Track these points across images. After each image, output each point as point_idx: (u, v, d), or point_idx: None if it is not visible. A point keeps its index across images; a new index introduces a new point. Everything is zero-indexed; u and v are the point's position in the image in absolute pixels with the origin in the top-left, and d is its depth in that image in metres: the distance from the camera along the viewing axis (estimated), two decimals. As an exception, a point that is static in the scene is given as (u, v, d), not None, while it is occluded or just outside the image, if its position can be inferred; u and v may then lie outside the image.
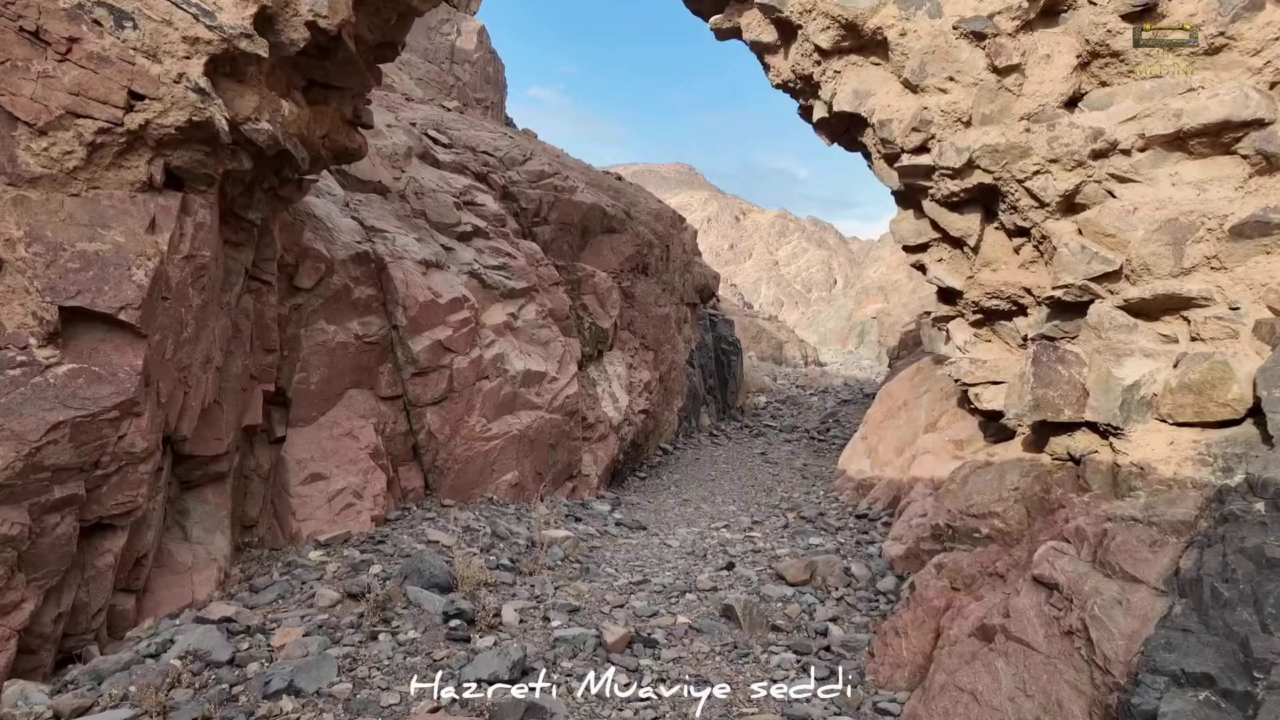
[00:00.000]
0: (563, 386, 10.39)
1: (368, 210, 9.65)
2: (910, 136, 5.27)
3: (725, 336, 21.58)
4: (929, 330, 7.02)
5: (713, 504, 10.64)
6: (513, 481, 9.33)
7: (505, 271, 10.62)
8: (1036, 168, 4.90)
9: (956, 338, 6.23)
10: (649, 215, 15.45)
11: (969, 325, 6.12)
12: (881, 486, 9.28)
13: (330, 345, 8.08)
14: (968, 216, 5.52)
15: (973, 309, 5.92)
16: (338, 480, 7.71)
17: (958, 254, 5.87)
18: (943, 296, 6.25)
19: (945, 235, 5.77)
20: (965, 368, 6.07)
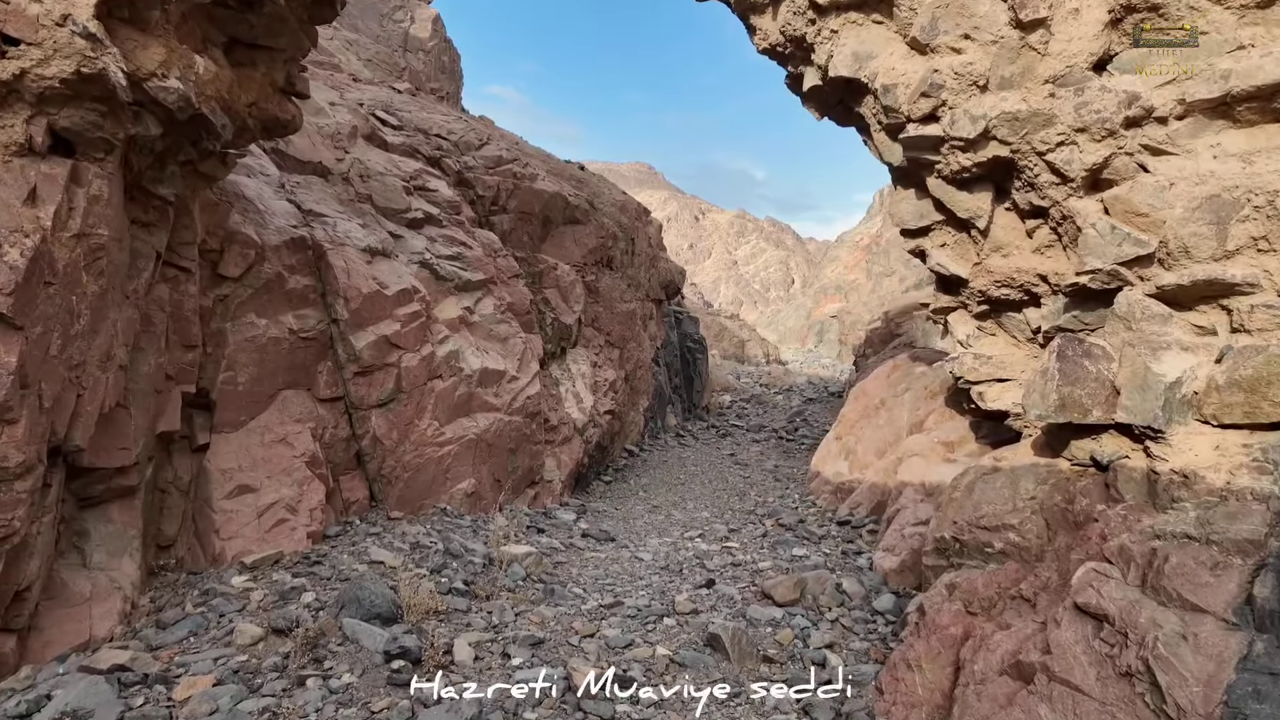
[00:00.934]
0: (523, 386, 9.64)
1: (306, 193, 8.77)
2: (917, 103, 4.68)
3: (690, 334, 21.01)
4: (922, 324, 6.48)
5: (684, 510, 10.00)
6: (469, 490, 8.56)
7: (460, 262, 9.83)
8: (1061, 138, 4.35)
9: (958, 331, 5.69)
10: (613, 207, 14.76)
11: (972, 318, 5.57)
12: (863, 491, 8.75)
13: (261, 341, 7.21)
14: (978, 195, 4.96)
15: (978, 299, 5.37)
16: (269, 493, 6.85)
17: (963, 238, 5.32)
18: (943, 285, 5.70)
19: (951, 217, 5.21)
20: (968, 364, 5.53)
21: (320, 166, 9.38)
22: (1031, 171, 4.56)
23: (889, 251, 54.73)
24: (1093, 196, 4.45)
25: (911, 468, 7.41)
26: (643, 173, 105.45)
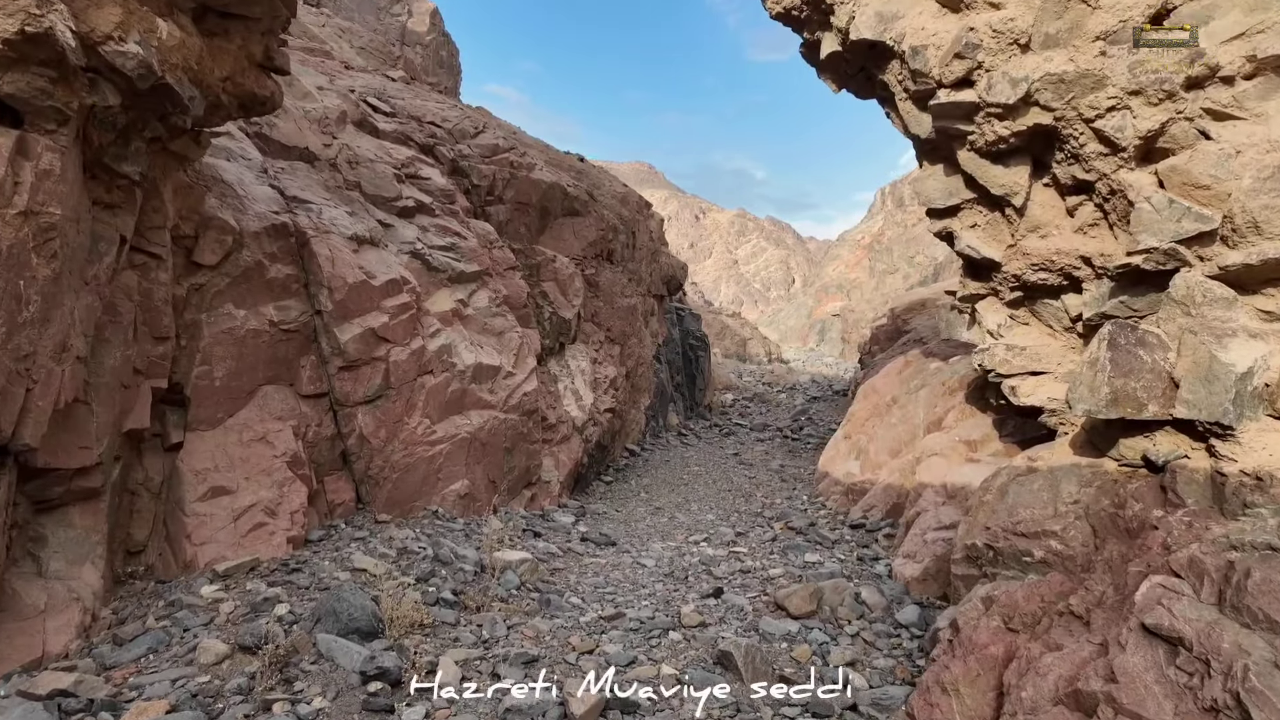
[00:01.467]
0: (520, 382, 9.20)
1: (290, 179, 8.33)
2: (950, 66, 4.24)
3: (693, 331, 20.56)
4: (946, 314, 6.04)
5: (688, 512, 9.56)
6: (461, 492, 8.12)
7: (454, 253, 9.39)
8: (1112, 102, 3.91)
9: (987, 320, 5.25)
10: (614, 199, 14.32)
11: (1003, 306, 5.14)
12: (877, 492, 8.30)
13: (239, 333, 6.77)
14: (1014, 169, 4.52)
15: (1011, 285, 4.93)
16: (246, 495, 6.42)
17: (996, 218, 4.87)
18: (972, 271, 5.25)
19: (983, 195, 4.77)
20: (999, 356, 5.08)
21: (306, 152, 8.94)
22: (1076, 141, 4.12)
23: (892, 249, 54.32)
24: (1145, 168, 4.01)
25: (931, 468, 6.97)
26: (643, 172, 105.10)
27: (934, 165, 5.06)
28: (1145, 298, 4.21)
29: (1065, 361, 4.97)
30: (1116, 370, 3.89)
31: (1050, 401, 5.03)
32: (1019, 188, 4.52)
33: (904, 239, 54.79)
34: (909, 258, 49.80)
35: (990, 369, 5.20)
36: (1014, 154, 4.47)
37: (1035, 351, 5.01)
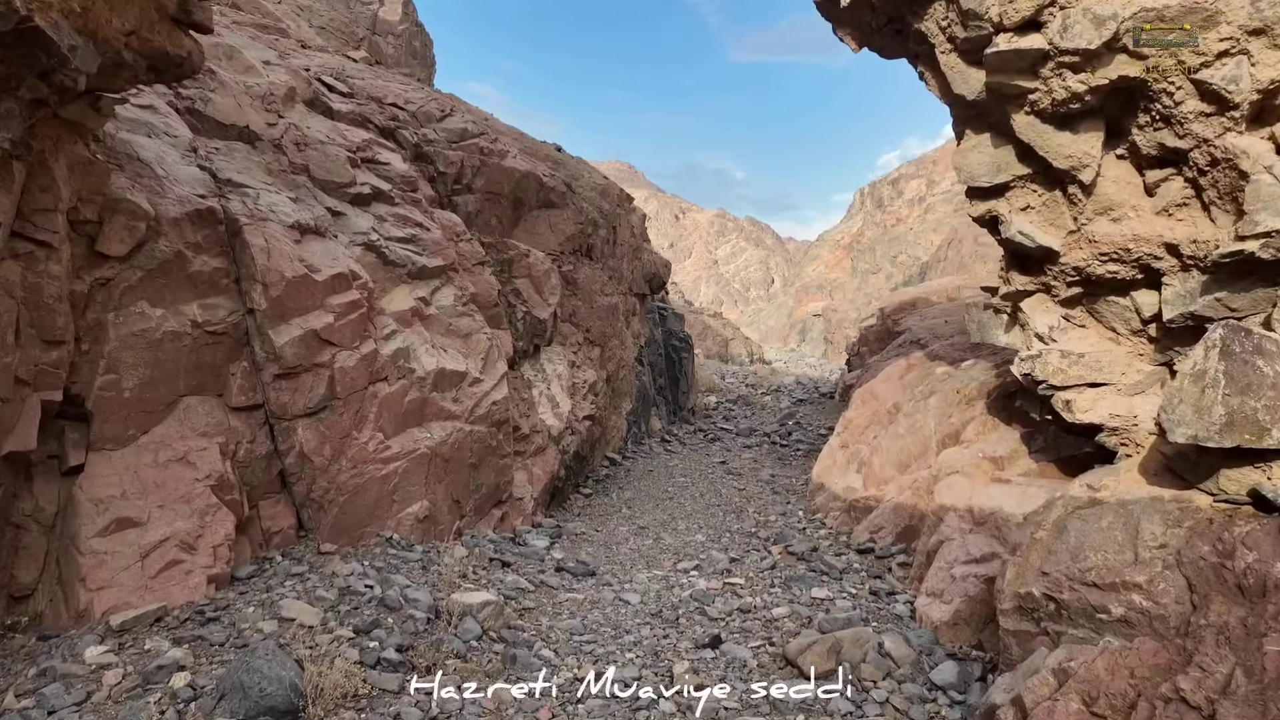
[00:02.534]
0: (488, 389, 8.26)
1: (226, 160, 7.33)
2: (1015, 3, 3.39)
3: (676, 331, 19.71)
4: (978, 314, 5.23)
5: (675, 532, 8.68)
6: (420, 515, 7.17)
7: (414, 245, 8.43)
8: (1225, 45, 3.10)
9: (1035, 321, 4.43)
10: (593, 190, 13.41)
11: (1057, 305, 4.32)
12: (885, 512, 7.48)
13: (154, 336, 5.79)
14: (1084, 137, 3.69)
15: (1069, 279, 4.12)
16: (158, 527, 5.43)
17: (1055, 198, 4.05)
18: (1018, 262, 4.43)
19: (1041, 169, 3.95)
20: (1053, 364, 4.26)
21: (246, 131, 7.93)
22: (1170, 98, 3.30)
23: (874, 249, 53.92)
24: (1259, 131, 3.20)
25: (952, 488, 6.15)
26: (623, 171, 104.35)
27: (979, 134, 4.24)
28: (1250, 294, 3.40)
29: (1130, 371, 4.16)
30: (1233, 386, 3.07)
31: (1112, 418, 4.22)
32: (1089, 159, 3.71)
33: (886, 239, 54.37)
34: (892, 257, 49.36)
35: (1041, 379, 4.38)
36: (1086, 117, 3.66)
37: (1095, 359, 4.20)
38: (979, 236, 25.35)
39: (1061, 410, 4.37)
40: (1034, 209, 4.14)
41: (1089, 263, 3.93)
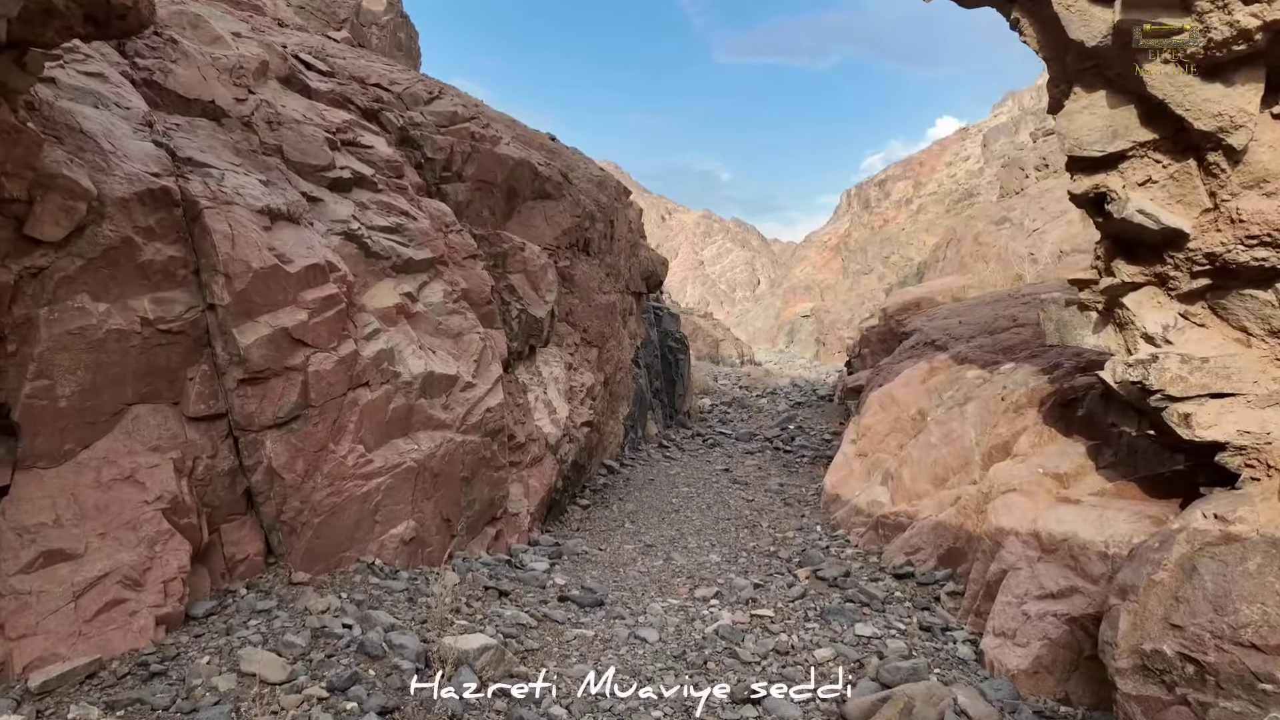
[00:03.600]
0: (482, 395, 7.48)
1: (188, 138, 6.50)
2: (1170, -84, 2.68)
3: (672, 332, 18.98)
4: (1058, 312, 4.52)
5: (686, 550, 7.94)
6: (406, 536, 6.38)
7: (400, 236, 7.63)
8: None
9: (1145, 320, 3.74)
10: (590, 182, 12.65)
11: (1174, 299, 3.61)
12: (923, 531, 6.78)
13: (97, 335, 4.97)
14: (1240, 90, 3.00)
15: (1197, 268, 3.43)
16: (97, 560, 4.62)
17: (1187, 170, 3.36)
18: (1124, 249, 3.74)
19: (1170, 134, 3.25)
20: (1172, 370, 3.57)
21: (212, 107, 7.11)
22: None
23: (866, 249, 53.51)
24: None
25: (1011, 509, 5.45)
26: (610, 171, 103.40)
27: (1091, 92, 3.55)
28: None
29: (1265, 380, 3.48)
30: None
31: (1240, 435, 3.53)
32: (1243, 119, 3.02)
33: (877, 239, 53.96)
34: (884, 258, 48.94)
35: (1156, 388, 3.68)
36: (1243, 65, 2.97)
37: (1222, 365, 3.52)
38: (979, 236, 24.81)
39: (1177, 425, 3.69)
40: (1157, 183, 3.46)
41: (1229, 247, 3.26)
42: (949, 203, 49.28)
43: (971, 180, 53.36)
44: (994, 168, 51.61)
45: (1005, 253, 21.81)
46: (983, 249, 23.40)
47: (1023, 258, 20.21)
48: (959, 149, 79.00)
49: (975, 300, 16.50)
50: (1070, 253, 18.10)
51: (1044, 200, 23.05)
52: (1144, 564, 3.53)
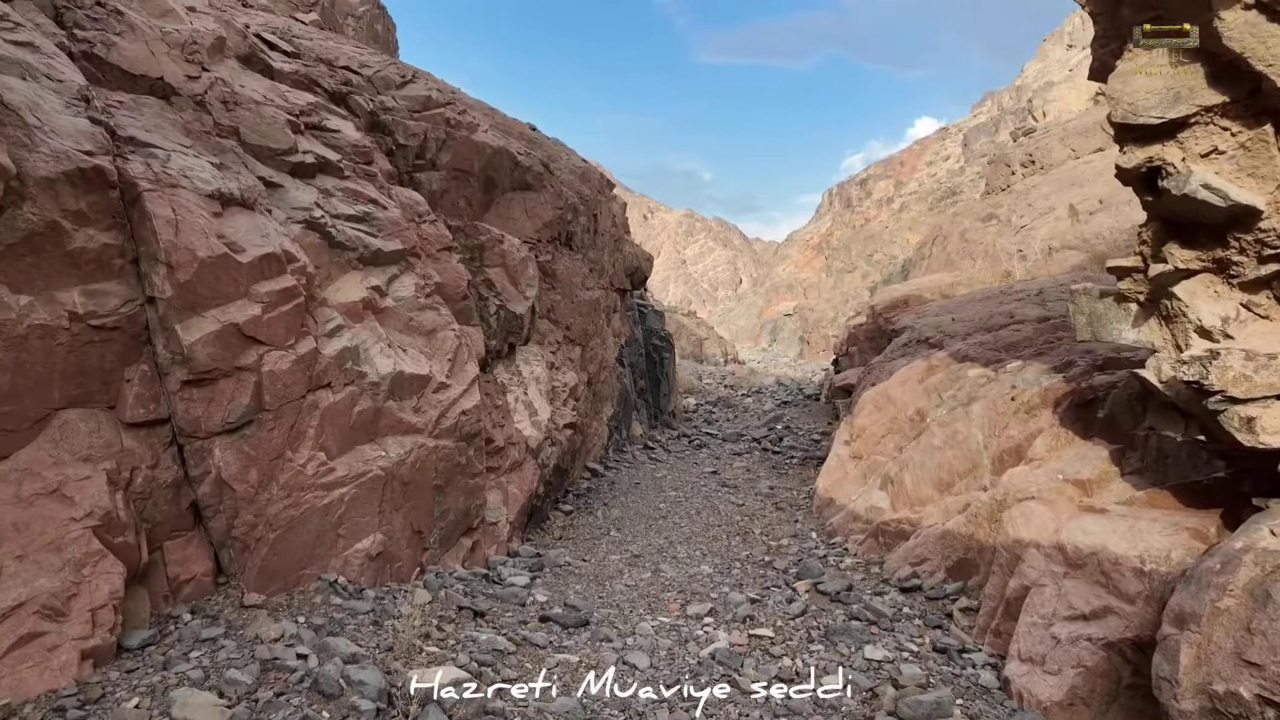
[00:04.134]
0: (457, 397, 6.96)
1: (132, 116, 5.93)
2: None
3: (656, 330, 18.52)
4: (1090, 304, 4.10)
5: (675, 561, 7.47)
6: (373, 550, 5.86)
7: (368, 225, 7.10)
8: None
9: (1200, 311, 3.33)
10: (572, 174, 12.14)
11: (1236, 289, 3.19)
12: (928, 540, 6.36)
13: (17, 331, 4.41)
14: (1333, 40, 2.55)
15: (1267, 251, 3.00)
16: (12, 587, 4.07)
17: (1261, 137, 2.95)
18: (1176, 233, 3.33)
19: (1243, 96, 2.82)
20: (1235, 368, 3.14)
21: (161, 84, 6.54)
22: None
23: (849, 247, 53.41)
24: None
25: (1030, 518, 5.04)
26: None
27: (1151, 50, 3.12)
28: None
29: (1338, 377, 3.06)
30: None
31: (1313, 442, 3.10)
32: (1336, 73, 2.60)
33: (861, 237, 53.87)
34: (867, 256, 48.81)
35: (1216, 389, 3.26)
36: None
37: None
38: (965, 233, 24.59)
39: (1238, 430, 3.28)
40: (1225, 154, 3.05)
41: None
42: (932, 201, 49.27)
43: (953, 179, 53.47)
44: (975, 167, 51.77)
45: (993, 249, 21.57)
46: (970, 246, 23.18)
47: (1011, 254, 19.97)
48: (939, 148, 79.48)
49: (966, 297, 16.21)
50: (1060, 249, 17.85)
51: (1031, 197, 22.88)
52: (1204, 589, 3.12)
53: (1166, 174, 3.27)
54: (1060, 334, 8.55)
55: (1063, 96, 35.87)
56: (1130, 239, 16.21)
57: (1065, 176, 22.84)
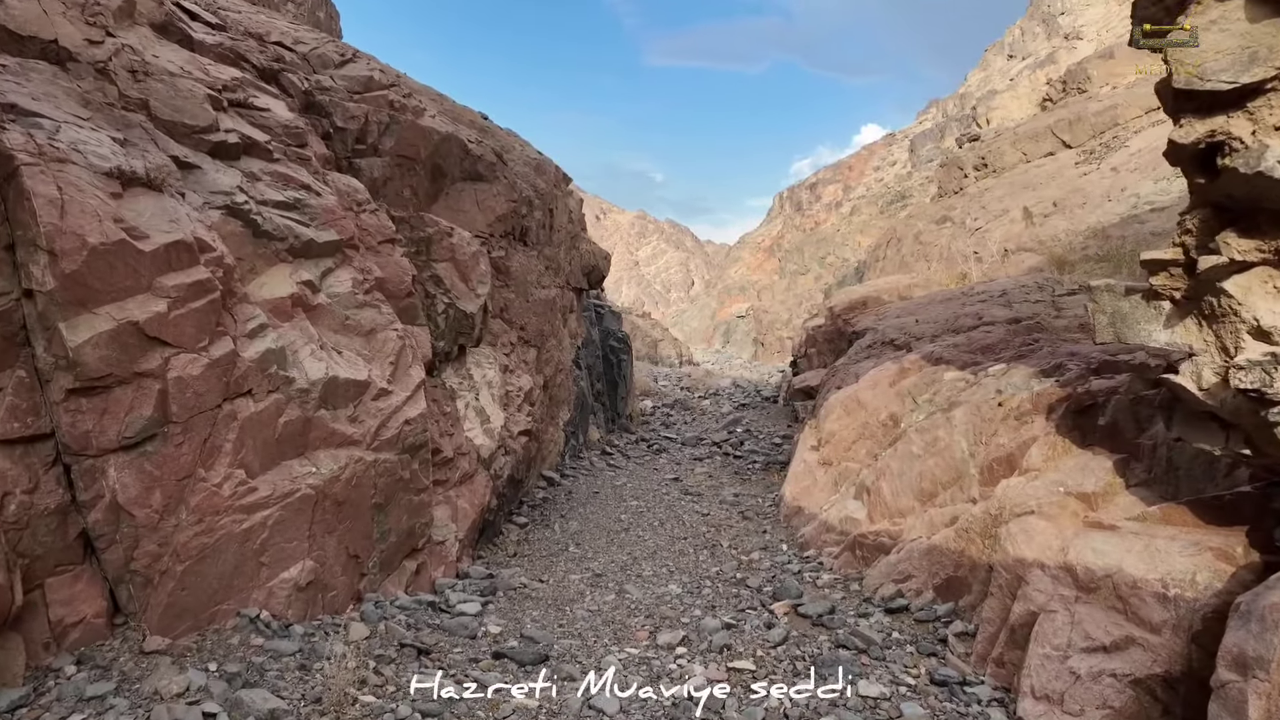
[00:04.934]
0: (400, 404, 6.29)
1: (15, 82, 5.11)
2: None
3: (614, 331, 17.96)
4: (1112, 303, 3.70)
5: (640, 580, 6.92)
6: (302, 580, 5.16)
7: (299, 213, 6.37)
8: None
9: (1257, 310, 2.94)
10: (527, 166, 11.50)
11: (1300, 281, 2.78)
12: (912, 556, 5.95)
13: None
14: None
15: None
16: None
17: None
18: (1233, 218, 2.90)
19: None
20: (1298, 374, 2.72)
21: (56, 49, 5.71)
22: None
23: (803, 249, 53.68)
24: None
25: (1031, 535, 4.64)
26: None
27: (1223, 1, 2.70)
28: None
29: None
30: None
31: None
32: None
33: (813, 240, 54.20)
34: (820, 258, 49.10)
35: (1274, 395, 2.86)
36: None
37: (1358, 366, 2.71)
38: (920, 235, 24.69)
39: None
40: (1305, 121, 2.66)
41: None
42: (882, 204, 49.85)
43: (901, 183, 54.31)
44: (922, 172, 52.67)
45: (948, 251, 21.65)
46: (924, 248, 23.27)
47: (967, 256, 20.04)
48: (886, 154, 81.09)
49: (926, 298, 16.06)
50: (1016, 251, 17.92)
51: (984, 199, 23.06)
52: (1270, 629, 2.72)
53: (1231, 150, 2.87)
54: (1035, 336, 8.29)
55: (1005, 104, 36.64)
56: (1085, 241, 16.24)
57: (1017, 179, 23.10)
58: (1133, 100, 21.18)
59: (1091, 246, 14.70)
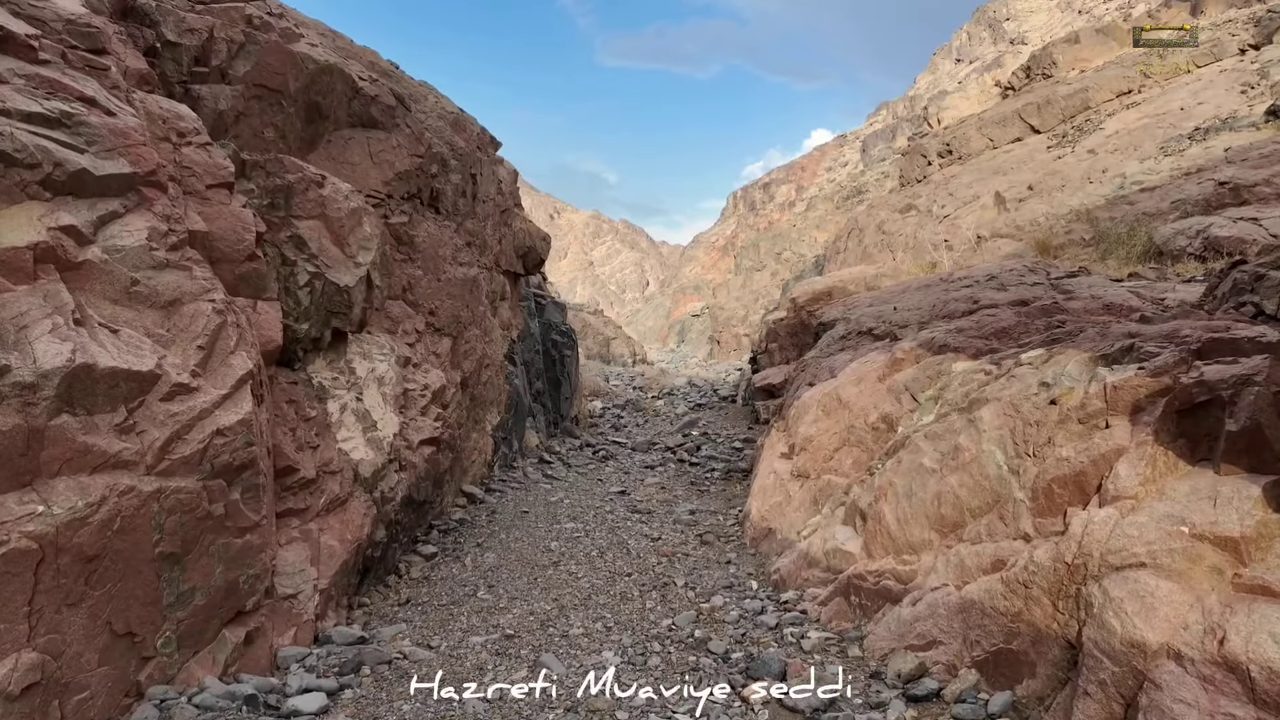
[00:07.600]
0: (209, 406, 4.37)
1: None
2: None
3: (556, 324, 16.10)
4: None
5: (566, 644, 5.12)
6: (15, 684, 3.23)
7: (69, 133, 4.42)
8: None
9: None
10: (442, 119, 9.60)
11: None
12: (938, 613, 4.28)
13: None
14: None
15: None
16: None
17: None
18: None
19: None
20: None
21: None
22: None
23: (757, 246, 52.53)
24: None
25: (1151, 604, 2.99)
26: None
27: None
28: None
29: None
30: None
31: None
32: None
33: (769, 236, 53.12)
34: (776, 254, 47.93)
35: None
36: None
37: None
38: (883, 224, 23.49)
39: None
40: None
41: None
42: (838, 200, 49.01)
43: (855, 180, 53.71)
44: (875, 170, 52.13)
45: (915, 240, 20.42)
46: (889, 238, 22.05)
47: (937, 245, 18.81)
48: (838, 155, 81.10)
49: (898, 287, 14.58)
50: (990, 238, 16.66)
51: (951, 186, 21.90)
52: None
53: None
54: (1059, 318, 6.77)
55: (956, 104, 36.03)
56: (1069, 225, 14.98)
57: (985, 165, 22.01)
58: (1103, 83, 20.25)
59: (1077, 230, 13.50)
